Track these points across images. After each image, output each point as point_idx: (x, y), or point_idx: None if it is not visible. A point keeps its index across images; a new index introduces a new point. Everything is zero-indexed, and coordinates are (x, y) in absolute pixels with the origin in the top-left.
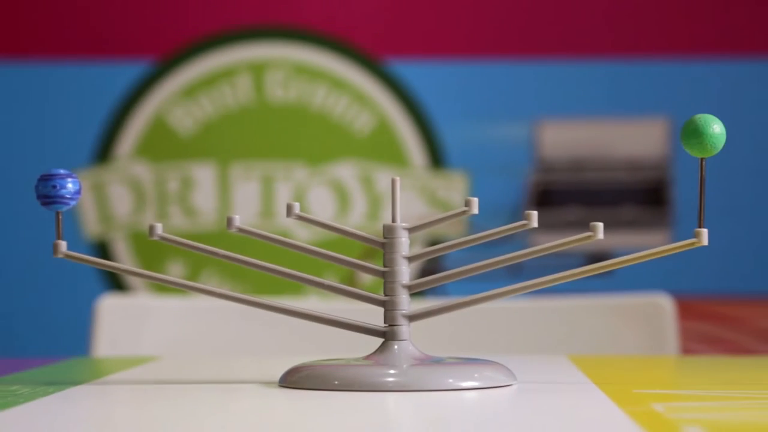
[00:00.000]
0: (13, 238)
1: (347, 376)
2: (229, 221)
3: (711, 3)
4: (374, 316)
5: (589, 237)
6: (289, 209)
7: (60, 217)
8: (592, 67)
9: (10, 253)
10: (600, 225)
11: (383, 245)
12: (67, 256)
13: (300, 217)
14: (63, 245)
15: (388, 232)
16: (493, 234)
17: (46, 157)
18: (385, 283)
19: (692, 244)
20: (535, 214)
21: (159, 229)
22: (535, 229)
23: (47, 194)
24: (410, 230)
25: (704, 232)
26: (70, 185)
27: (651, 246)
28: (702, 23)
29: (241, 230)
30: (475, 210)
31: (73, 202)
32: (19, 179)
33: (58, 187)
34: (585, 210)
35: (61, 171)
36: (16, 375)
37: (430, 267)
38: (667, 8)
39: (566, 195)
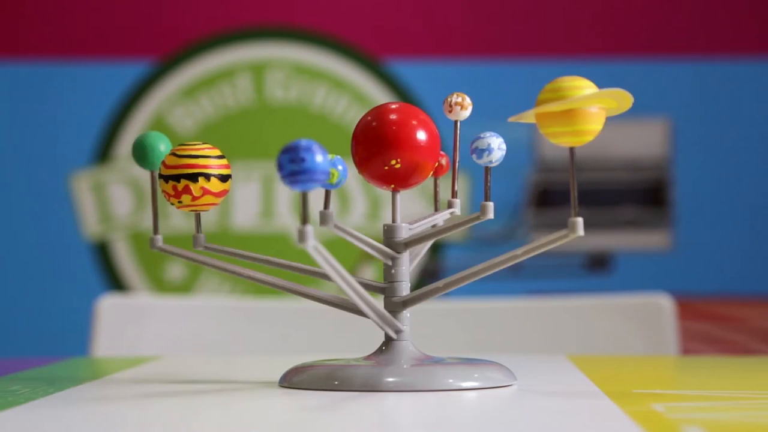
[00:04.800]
0: (13, 238)
1: (347, 376)
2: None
3: (710, 3)
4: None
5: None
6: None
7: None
8: (592, 67)
9: (10, 253)
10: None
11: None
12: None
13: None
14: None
15: (388, 232)
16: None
17: (47, 157)
18: (384, 273)
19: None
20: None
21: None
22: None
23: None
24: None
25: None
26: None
27: (651, 246)
28: (702, 23)
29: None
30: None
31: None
32: (19, 179)
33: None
34: (585, 210)
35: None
36: (16, 375)
37: (430, 267)
38: (667, 8)
39: (566, 195)
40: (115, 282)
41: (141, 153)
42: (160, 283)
